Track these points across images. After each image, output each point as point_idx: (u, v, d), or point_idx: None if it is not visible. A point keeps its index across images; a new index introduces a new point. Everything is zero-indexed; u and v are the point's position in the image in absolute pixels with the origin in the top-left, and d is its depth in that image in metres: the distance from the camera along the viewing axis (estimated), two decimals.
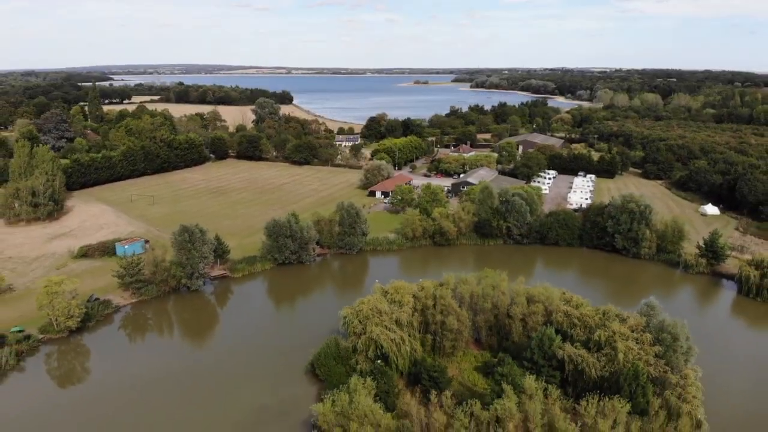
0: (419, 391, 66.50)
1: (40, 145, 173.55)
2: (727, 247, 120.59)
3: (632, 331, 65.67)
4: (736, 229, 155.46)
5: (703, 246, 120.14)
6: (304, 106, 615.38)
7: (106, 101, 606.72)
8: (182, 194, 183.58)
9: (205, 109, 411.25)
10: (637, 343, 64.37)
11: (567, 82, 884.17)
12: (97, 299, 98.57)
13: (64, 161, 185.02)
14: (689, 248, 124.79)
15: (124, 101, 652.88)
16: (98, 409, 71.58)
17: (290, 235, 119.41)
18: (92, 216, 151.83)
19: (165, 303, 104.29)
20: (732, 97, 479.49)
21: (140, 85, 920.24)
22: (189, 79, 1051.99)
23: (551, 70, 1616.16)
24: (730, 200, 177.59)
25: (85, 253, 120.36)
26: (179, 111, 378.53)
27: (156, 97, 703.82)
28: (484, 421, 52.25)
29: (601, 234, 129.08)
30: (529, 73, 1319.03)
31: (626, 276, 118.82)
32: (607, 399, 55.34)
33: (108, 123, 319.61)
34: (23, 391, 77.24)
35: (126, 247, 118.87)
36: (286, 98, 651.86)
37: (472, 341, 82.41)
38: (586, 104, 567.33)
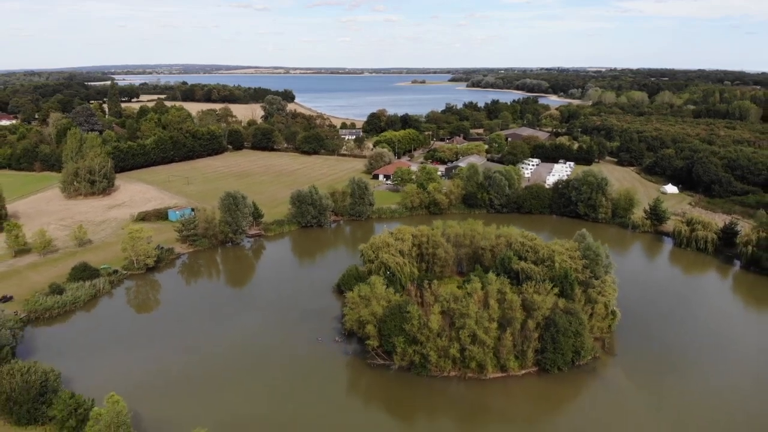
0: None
1: (98, 132, 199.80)
2: (668, 212, 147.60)
3: (567, 251, 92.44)
4: (689, 203, 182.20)
5: (649, 210, 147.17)
6: (306, 104, 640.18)
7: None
8: (210, 177, 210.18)
9: (211, 106, 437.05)
10: (570, 258, 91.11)
11: (560, 81, 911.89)
12: (163, 248, 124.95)
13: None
14: (639, 213, 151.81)
15: (133, 99, 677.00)
16: (174, 322, 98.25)
17: (311, 203, 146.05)
18: (138, 192, 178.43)
19: (214, 253, 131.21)
20: (712, 94, 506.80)
21: (145, 84, 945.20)
22: (188, 79, 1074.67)
23: (547, 69, 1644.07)
24: (688, 181, 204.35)
25: (143, 217, 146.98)
26: (189, 108, 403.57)
27: (162, 96, 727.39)
28: (459, 296, 78.80)
29: (567, 203, 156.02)
30: (525, 73, 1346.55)
31: None
32: (541, 282, 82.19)
33: (128, 118, 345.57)
34: (114, 310, 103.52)
35: (178, 212, 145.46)
36: (288, 96, 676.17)
37: (456, 272, 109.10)
38: (576, 102, 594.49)
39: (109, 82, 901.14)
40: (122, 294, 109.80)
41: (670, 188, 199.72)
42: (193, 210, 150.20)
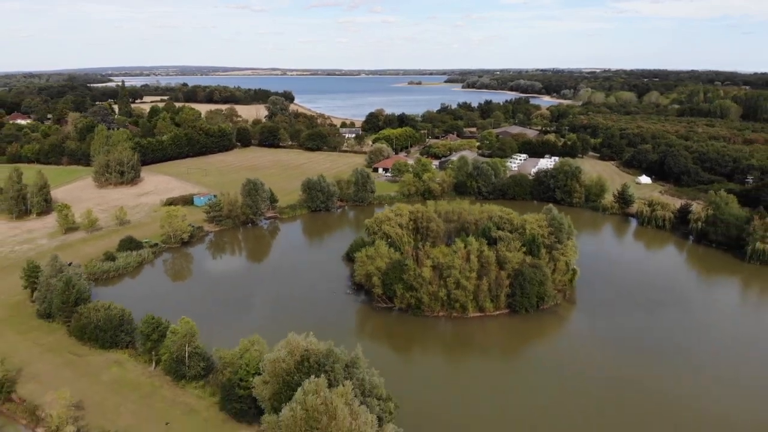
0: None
1: (115, 129, 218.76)
2: (634, 195, 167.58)
3: (536, 221, 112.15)
4: (659, 192, 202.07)
5: (617, 195, 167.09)
6: (305, 105, 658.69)
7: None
8: (224, 170, 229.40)
9: (214, 107, 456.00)
10: (538, 226, 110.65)
11: (554, 81, 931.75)
12: (194, 226, 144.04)
13: None
14: (609, 198, 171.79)
15: (136, 100, 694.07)
16: (210, 282, 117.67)
17: (320, 190, 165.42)
18: (162, 182, 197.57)
19: (237, 232, 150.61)
20: (697, 94, 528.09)
21: (146, 86, 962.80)
22: (186, 81, 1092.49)
23: (542, 70, 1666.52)
24: (661, 172, 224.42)
25: (171, 202, 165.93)
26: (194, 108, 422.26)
27: (165, 97, 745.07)
28: (447, 253, 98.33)
29: (546, 190, 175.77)
30: (520, 74, 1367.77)
31: None
32: (511, 241, 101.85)
33: (139, 117, 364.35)
34: (155, 276, 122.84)
35: (203, 198, 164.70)
36: (288, 97, 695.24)
37: (446, 244, 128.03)
38: (567, 102, 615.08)
39: (108, 84, 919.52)
40: (161, 263, 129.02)
41: (644, 179, 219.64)
42: (215, 196, 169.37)
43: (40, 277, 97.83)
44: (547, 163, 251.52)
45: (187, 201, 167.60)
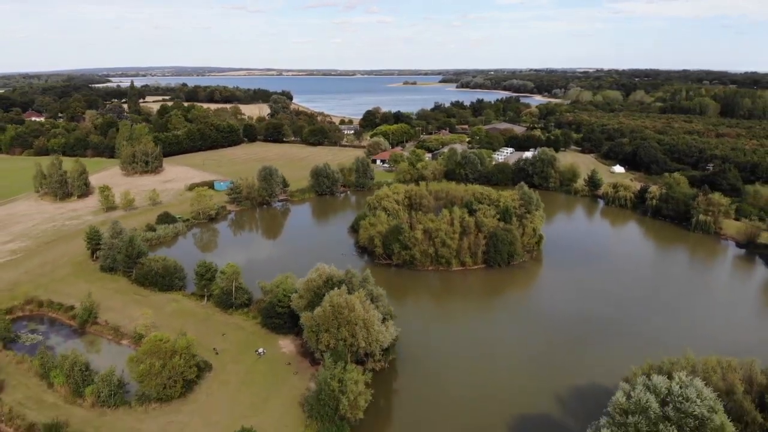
0: None
1: (134, 125, 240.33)
2: (602, 180, 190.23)
3: (510, 195, 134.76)
4: (630, 179, 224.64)
5: (587, 179, 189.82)
6: (304, 104, 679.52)
7: (123, 100, 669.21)
8: (235, 162, 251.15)
9: (215, 106, 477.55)
10: (511, 200, 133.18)
11: (545, 81, 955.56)
12: (217, 206, 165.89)
13: None
14: (581, 182, 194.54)
15: (140, 100, 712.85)
16: (235, 249, 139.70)
17: (326, 176, 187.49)
18: (181, 172, 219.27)
19: (254, 211, 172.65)
20: (680, 92, 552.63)
21: (146, 86, 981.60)
22: (183, 81, 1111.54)
23: (536, 70, 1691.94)
24: (634, 162, 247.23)
25: (194, 187, 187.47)
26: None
27: (167, 97, 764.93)
28: (435, 220, 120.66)
29: (525, 176, 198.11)
30: (514, 74, 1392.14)
31: None
32: (488, 210, 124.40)
33: (149, 115, 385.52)
34: (187, 246, 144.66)
35: (222, 183, 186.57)
36: (287, 97, 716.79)
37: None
38: (557, 101, 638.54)
39: (108, 84, 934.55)
40: (192, 235, 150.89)
41: (618, 168, 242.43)
42: (232, 182, 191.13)
43: (103, 239, 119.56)
44: (530, 155, 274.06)
45: (209, 186, 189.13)
